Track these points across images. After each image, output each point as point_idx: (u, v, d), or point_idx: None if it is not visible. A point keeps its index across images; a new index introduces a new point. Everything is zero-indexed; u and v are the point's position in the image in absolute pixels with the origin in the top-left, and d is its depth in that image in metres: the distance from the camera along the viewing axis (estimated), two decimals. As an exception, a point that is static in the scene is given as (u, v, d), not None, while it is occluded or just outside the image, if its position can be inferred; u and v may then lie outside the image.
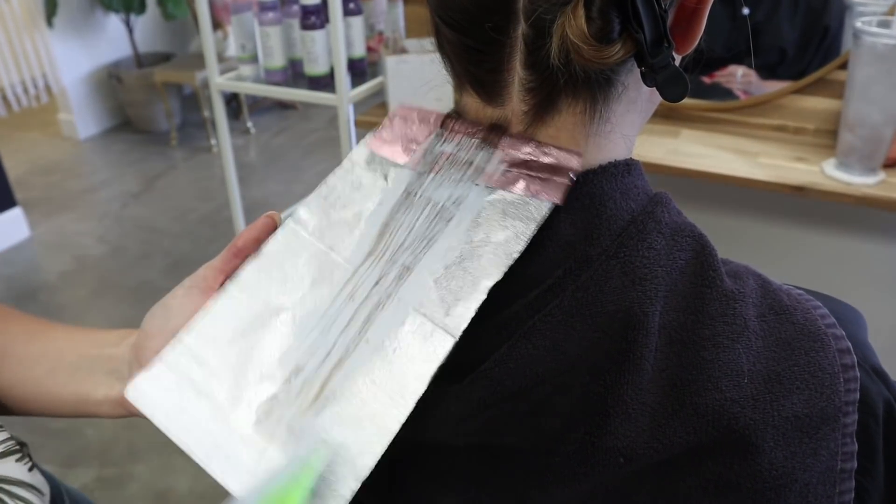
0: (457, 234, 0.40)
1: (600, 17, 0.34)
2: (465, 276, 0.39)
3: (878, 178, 1.27)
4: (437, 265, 0.40)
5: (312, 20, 1.69)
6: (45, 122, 4.11)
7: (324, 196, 0.45)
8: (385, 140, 0.45)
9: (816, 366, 0.38)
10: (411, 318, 0.39)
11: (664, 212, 0.40)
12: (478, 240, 0.39)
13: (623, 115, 0.41)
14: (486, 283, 0.38)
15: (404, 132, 0.45)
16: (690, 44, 0.40)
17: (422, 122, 0.44)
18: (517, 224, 0.39)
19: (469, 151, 0.41)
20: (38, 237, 3.01)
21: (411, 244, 0.41)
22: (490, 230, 0.39)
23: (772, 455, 0.36)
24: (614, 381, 0.36)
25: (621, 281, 0.37)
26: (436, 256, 0.40)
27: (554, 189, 0.39)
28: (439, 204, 0.41)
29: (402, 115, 0.46)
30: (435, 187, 0.42)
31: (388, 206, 0.43)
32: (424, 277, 0.40)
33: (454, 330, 0.38)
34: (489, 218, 0.40)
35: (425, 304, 0.39)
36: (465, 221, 0.40)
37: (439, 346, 0.38)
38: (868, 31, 1.19)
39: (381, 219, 0.43)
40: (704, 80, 1.58)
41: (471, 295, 0.38)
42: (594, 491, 0.38)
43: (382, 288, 0.41)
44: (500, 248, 0.39)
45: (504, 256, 0.38)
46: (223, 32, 3.51)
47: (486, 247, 0.39)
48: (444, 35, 0.40)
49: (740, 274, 0.40)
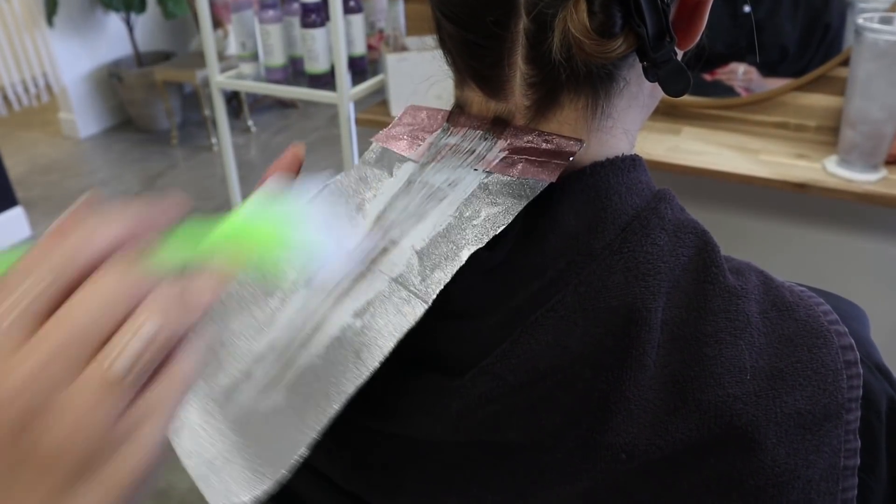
0: (447, 211, 0.40)
1: (602, 12, 0.34)
2: (448, 245, 0.39)
3: (880, 175, 1.27)
4: (423, 238, 0.40)
5: (313, 18, 1.69)
6: (46, 121, 4.11)
7: (332, 191, 0.46)
8: (393, 136, 0.46)
9: (819, 362, 0.37)
10: (387, 287, 0.39)
11: (668, 208, 0.39)
12: (467, 215, 0.39)
13: (625, 110, 0.40)
14: (467, 251, 0.38)
15: (412, 128, 0.46)
16: (692, 39, 0.39)
17: (430, 119, 0.46)
18: (508, 200, 0.39)
19: (472, 142, 0.42)
20: (39, 236, 3.01)
21: (402, 222, 0.41)
22: (481, 206, 0.39)
23: (774, 452, 0.36)
24: (616, 377, 0.36)
25: (624, 276, 0.37)
26: (422, 231, 0.40)
27: (549, 170, 0.38)
28: (435, 186, 0.42)
29: (411, 114, 0.47)
30: (434, 173, 0.42)
31: (389, 194, 0.44)
32: (406, 249, 0.40)
33: (426, 296, 0.38)
34: (481, 196, 0.40)
35: (402, 273, 0.39)
36: (457, 200, 0.40)
37: (410, 313, 0.38)
38: (869, 28, 1.19)
39: (381, 206, 0.43)
40: (706, 77, 1.58)
41: (450, 262, 0.38)
42: (595, 487, 0.38)
43: (364, 265, 0.41)
44: (487, 221, 0.39)
45: (490, 227, 0.38)
46: (223, 31, 3.51)
47: (474, 220, 0.39)
48: (445, 30, 0.40)
49: (743, 270, 0.40)
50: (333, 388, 0.38)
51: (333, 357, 0.39)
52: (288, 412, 0.39)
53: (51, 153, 3.80)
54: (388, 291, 0.39)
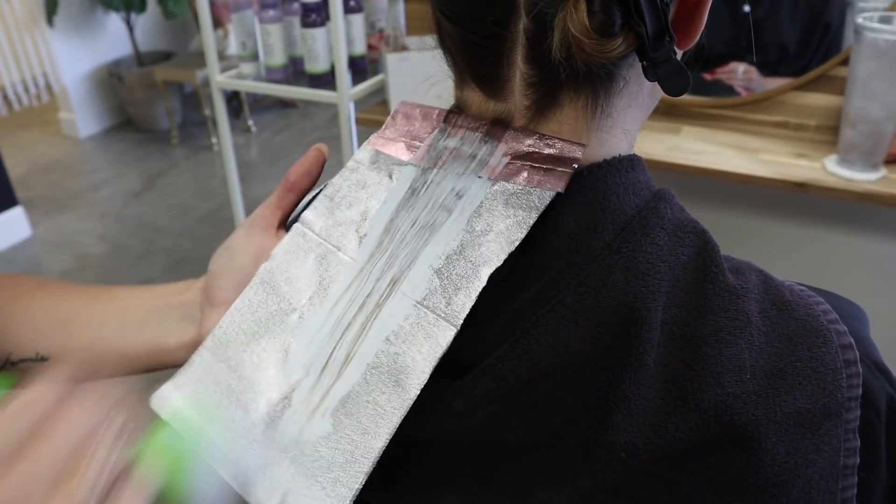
0: (458, 225, 0.40)
1: (602, 11, 0.34)
2: (466, 264, 0.39)
3: (880, 175, 1.27)
4: (439, 256, 0.40)
5: (313, 18, 1.69)
6: (46, 121, 4.11)
7: (329, 196, 0.45)
8: (388, 138, 0.46)
9: (819, 361, 0.38)
10: (414, 311, 0.39)
11: (667, 208, 0.39)
12: (479, 229, 0.39)
13: (625, 109, 0.40)
14: (486, 269, 0.38)
15: (407, 129, 0.45)
16: (692, 38, 0.39)
17: (425, 119, 0.45)
18: (519, 213, 0.39)
19: (472, 145, 0.42)
20: (40, 236, 3.02)
21: (413, 238, 0.41)
22: (492, 220, 0.39)
23: (774, 451, 0.36)
24: (616, 377, 0.36)
25: (624, 276, 0.37)
26: (437, 247, 0.40)
27: (556, 178, 0.39)
28: (442, 197, 0.41)
29: (404, 113, 0.46)
30: (438, 182, 0.42)
31: (394, 203, 0.43)
32: (425, 269, 0.40)
33: (455, 319, 0.38)
34: (491, 208, 0.40)
35: (426, 295, 0.39)
36: (466, 212, 0.40)
37: (441, 336, 0.38)
38: (869, 27, 1.19)
39: (387, 216, 0.43)
40: (706, 76, 1.58)
41: (471, 283, 0.38)
42: (596, 487, 0.38)
43: (385, 283, 0.41)
44: (501, 235, 0.39)
45: (505, 244, 0.38)
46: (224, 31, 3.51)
47: (487, 235, 0.39)
48: (445, 30, 0.40)
49: (742, 270, 0.40)
50: (380, 418, 0.38)
51: (372, 382, 0.39)
52: (338, 437, 0.39)
53: (51, 153, 3.80)
54: (416, 316, 0.39)
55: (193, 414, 0.43)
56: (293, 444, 0.40)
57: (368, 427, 0.38)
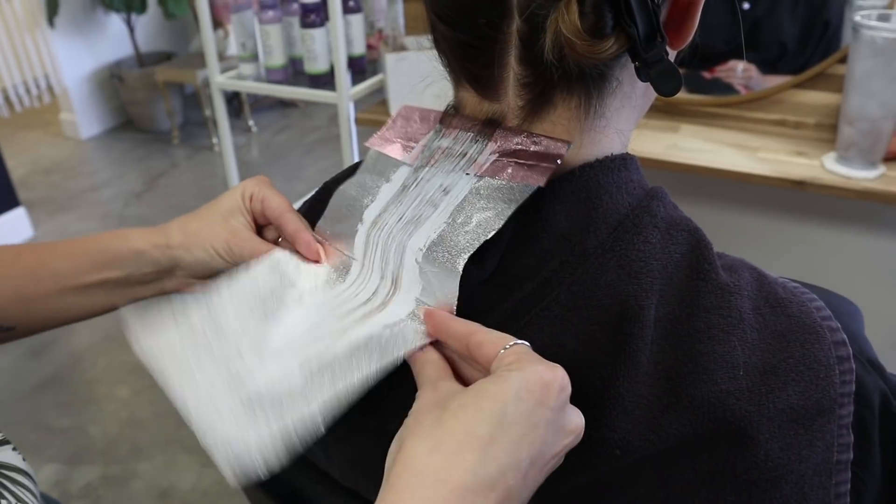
0: (441, 218, 0.41)
1: (593, 12, 0.34)
2: (445, 253, 0.40)
3: (878, 172, 1.27)
4: (420, 247, 0.41)
5: (312, 18, 1.69)
6: (48, 121, 4.12)
7: (337, 200, 0.48)
8: (387, 139, 0.47)
9: (812, 358, 0.38)
10: (413, 305, 0.41)
11: (660, 206, 0.40)
12: (460, 221, 0.40)
13: (618, 109, 0.41)
14: (463, 257, 0.39)
15: (405, 131, 0.46)
16: (684, 39, 0.40)
17: (422, 121, 0.46)
18: (499, 205, 0.39)
19: (464, 144, 0.42)
20: (42, 237, 3.02)
21: (399, 232, 0.42)
22: (472, 212, 0.40)
23: (767, 446, 0.37)
24: (610, 374, 0.37)
25: (617, 274, 0.37)
26: (419, 239, 0.41)
27: (539, 174, 0.39)
28: (430, 193, 0.42)
29: (404, 115, 0.47)
30: (428, 179, 0.43)
31: (384, 200, 0.44)
32: (411, 261, 0.41)
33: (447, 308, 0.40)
34: (472, 202, 0.40)
35: (417, 288, 0.41)
36: (450, 206, 0.41)
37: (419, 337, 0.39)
38: (867, 25, 1.19)
39: (376, 212, 0.44)
40: (705, 75, 1.58)
41: (451, 272, 0.39)
42: (591, 483, 0.38)
43: (389, 281, 0.42)
44: (479, 226, 0.39)
45: (482, 233, 0.39)
46: (224, 31, 3.51)
47: (466, 226, 0.40)
48: (439, 31, 0.40)
49: (736, 267, 0.41)
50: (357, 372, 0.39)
51: (357, 356, 0.40)
52: (303, 394, 0.39)
53: (52, 154, 3.81)
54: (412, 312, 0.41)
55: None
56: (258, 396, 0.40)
57: (337, 383, 0.39)
